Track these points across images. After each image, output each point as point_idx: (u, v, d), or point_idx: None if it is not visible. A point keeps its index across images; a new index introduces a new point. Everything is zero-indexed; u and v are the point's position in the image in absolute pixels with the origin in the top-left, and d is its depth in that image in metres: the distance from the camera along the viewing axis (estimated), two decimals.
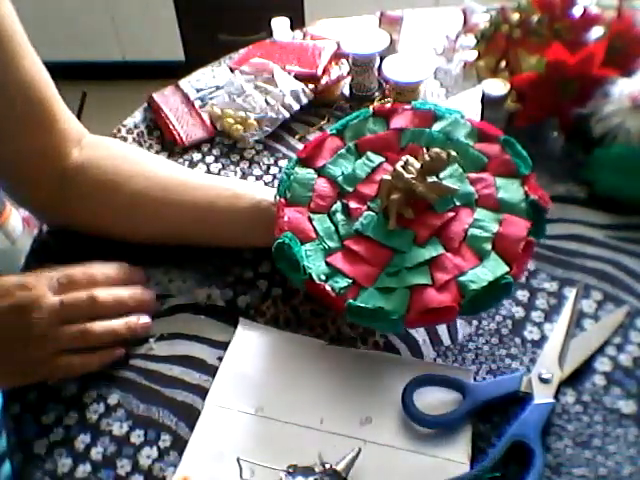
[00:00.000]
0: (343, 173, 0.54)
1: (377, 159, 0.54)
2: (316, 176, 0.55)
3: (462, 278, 0.46)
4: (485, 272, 0.46)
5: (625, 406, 0.48)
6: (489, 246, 0.48)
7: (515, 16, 0.70)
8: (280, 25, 0.85)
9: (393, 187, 0.49)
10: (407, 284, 0.47)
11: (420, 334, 0.53)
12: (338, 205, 0.53)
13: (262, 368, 0.51)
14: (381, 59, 0.75)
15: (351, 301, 0.47)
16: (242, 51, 0.87)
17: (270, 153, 0.73)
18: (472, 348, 0.52)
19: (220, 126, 0.75)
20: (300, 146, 0.72)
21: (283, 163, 0.71)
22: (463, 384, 0.48)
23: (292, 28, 0.87)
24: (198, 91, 0.82)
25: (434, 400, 0.48)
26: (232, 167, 0.71)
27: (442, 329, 0.54)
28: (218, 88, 0.82)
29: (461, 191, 0.50)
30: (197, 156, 0.73)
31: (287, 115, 0.75)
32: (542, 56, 0.65)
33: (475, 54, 0.75)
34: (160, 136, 0.76)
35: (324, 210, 0.53)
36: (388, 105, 0.61)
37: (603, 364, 0.50)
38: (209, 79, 0.84)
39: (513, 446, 0.44)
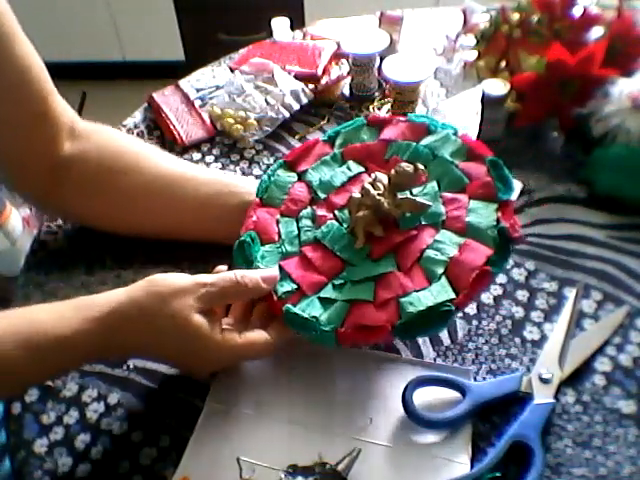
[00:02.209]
0: (321, 179, 0.54)
1: (356, 168, 0.54)
2: (295, 180, 0.55)
3: (403, 299, 0.45)
4: (427, 296, 0.44)
5: (625, 406, 0.48)
6: (441, 270, 0.45)
7: (515, 16, 0.70)
8: (280, 25, 0.85)
9: (361, 204, 0.48)
10: (348, 298, 0.46)
11: None
12: (308, 211, 0.53)
13: (262, 368, 0.51)
14: (381, 59, 0.75)
15: (288, 306, 0.47)
16: (242, 51, 0.87)
17: (270, 153, 0.73)
18: (472, 348, 0.52)
19: (220, 126, 0.75)
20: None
21: None
22: (463, 384, 0.48)
23: (292, 28, 0.87)
24: (198, 91, 0.82)
25: (434, 400, 0.48)
26: (232, 167, 0.71)
27: None
28: (218, 88, 0.82)
29: (429, 210, 0.48)
30: (197, 156, 0.73)
31: (287, 115, 0.75)
32: (542, 56, 0.65)
33: (475, 54, 0.75)
34: (160, 136, 0.76)
35: (293, 214, 0.53)
36: (386, 108, 0.61)
37: (603, 364, 0.50)
38: (209, 79, 0.84)
39: (513, 446, 0.44)
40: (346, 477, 0.44)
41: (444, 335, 0.53)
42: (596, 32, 0.66)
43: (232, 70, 0.83)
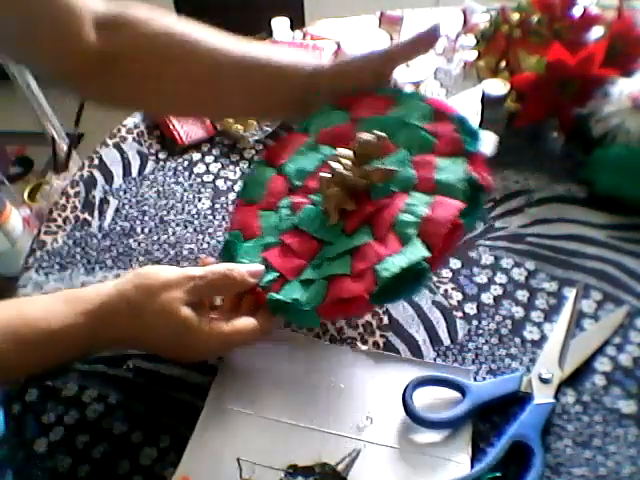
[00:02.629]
0: (296, 168, 0.54)
1: (327, 151, 0.53)
2: (274, 174, 0.55)
3: (378, 266, 0.44)
4: (400, 258, 0.44)
5: (625, 406, 0.48)
6: (414, 231, 0.45)
7: (515, 16, 0.70)
8: (280, 25, 0.85)
9: (330, 182, 0.48)
10: (325, 275, 0.47)
11: (420, 334, 0.53)
12: (286, 201, 0.53)
13: (262, 368, 0.51)
14: None
15: (270, 294, 0.47)
16: None
17: None
18: (472, 348, 0.52)
19: (220, 126, 0.75)
20: None
21: None
22: (463, 384, 0.48)
23: (292, 28, 0.87)
24: None
25: (434, 400, 0.48)
26: (232, 167, 0.71)
27: (442, 329, 0.54)
28: None
29: (400, 175, 0.48)
30: (197, 156, 0.73)
31: None
32: (542, 56, 0.65)
33: (475, 54, 0.75)
34: (160, 136, 0.76)
35: (273, 207, 0.53)
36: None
37: (603, 364, 0.50)
38: None
39: (513, 446, 0.44)
40: (346, 477, 0.44)
41: (444, 335, 0.53)
42: (596, 32, 0.66)
43: None
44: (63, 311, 0.44)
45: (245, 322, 0.47)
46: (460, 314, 0.55)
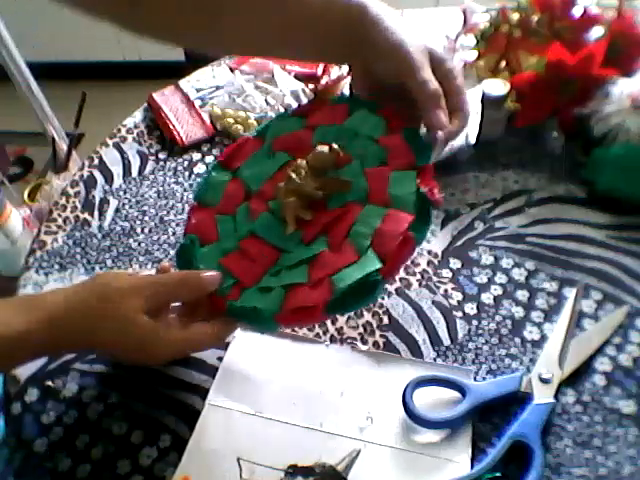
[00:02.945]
0: (252, 173, 0.54)
1: (283, 158, 0.54)
2: (230, 178, 0.55)
3: (334, 276, 0.46)
4: (356, 269, 0.45)
5: (625, 406, 0.48)
6: (368, 242, 0.46)
7: (515, 16, 0.70)
8: None
9: (287, 191, 0.49)
10: (284, 283, 0.47)
11: (420, 334, 0.53)
12: (243, 206, 0.53)
13: (262, 368, 0.51)
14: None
15: (230, 302, 0.48)
16: None
17: None
18: (472, 348, 0.52)
19: (220, 126, 0.75)
20: None
21: None
22: (463, 384, 0.48)
23: None
24: (198, 91, 0.82)
25: (434, 400, 0.48)
26: None
27: (442, 329, 0.54)
28: (218, 88, 0.82)
29: (354, 187, 0.49)
30: (197, 156, 0.73)
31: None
32: (542, 56, 0.65)
33: (475, 54, 0.75)
34: (160, 136, 0.76)
35: (230, 211, 0.53)
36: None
37: (603, 364, 0.50)
38: (209, 79, 0.84)
39: (513, 446, 0.44)
40: (346, 477, 0.44)
41: (444, 335, 0.53)
42: (596, 32, 0.66)
43: (232, 70, 0.83)
44: (22, 317, 0.44)
45: (201, 328, 0.48)
46: (460, 314, 0.55)
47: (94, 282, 0.47)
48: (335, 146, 0.49)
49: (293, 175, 0.49)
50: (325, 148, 0.49)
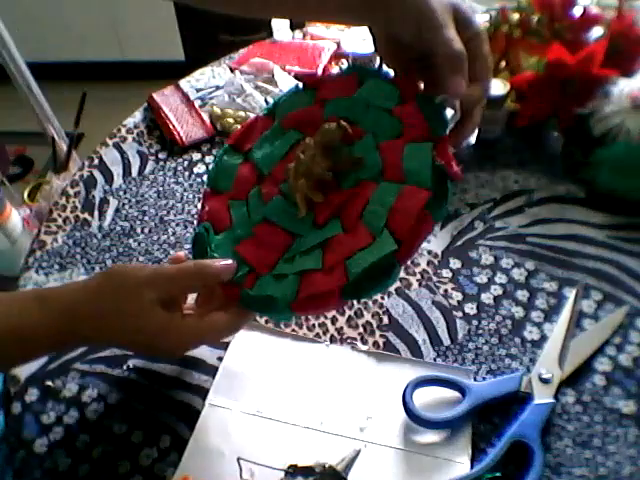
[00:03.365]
0: (263, 155, 0.52)
1: (294, 137, 0.51)
2: (241, 161, 0.53)
3: (349, 260, 0.44)
4: (371, 252, 0.43)
5: (625, 406, 0.48)
6: (382, 222, 0.44)
7: (515, 16, 0.70)
8: (280, 25, 0.85)
9: (297, 173, 0.47)
10: (298, 269, 0.46)
11: (420, 334, 0.53)
12: (255, 190, 0.51)
13: (262, 368, 0.51)
14: (381, 59, 0.75)
15: (244, 290, 0.47)
16: (242, 51, 0.87)
17: None
18: (472, 348, 0.52)
19: (220, 126, 0.75)
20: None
21: None
22: (463, 384, 0.48)
23: (292, 28, 0.87)
24: (198, 91, 0.82)
25: (434, 400, 0.48)
26: None
27: (442, 329, 0.54)
28: (218, 88, 0.82)
29: (367, 163, 0.46)
30: (197, 156, 0.73)
31: None
32: (542, 56, 0.65)
33: None
34: (160, 136, 0.76)
35: (242, 196, 0.51)
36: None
37: (603, 364, 0.50)
38: (209, 79, 0.84)
39: (513, 446, 0.44)
40: (346, 477, 0.44)
41: (444, 335, 0.53)
42: (596, 32, 0.66)
43: (232, 70, 0.83)
44: (35, 310, 0.44)
45: (217, 318, 0.46)
46: (460, 314, 0.55)
47: (109, 276, 0.46)
48: (343, 122, 0.46)
49: (301, 155, 0.47)
50: (332, 124, 0.46)
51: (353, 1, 0.49)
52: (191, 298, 0.50)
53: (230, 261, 0.48)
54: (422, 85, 0.48)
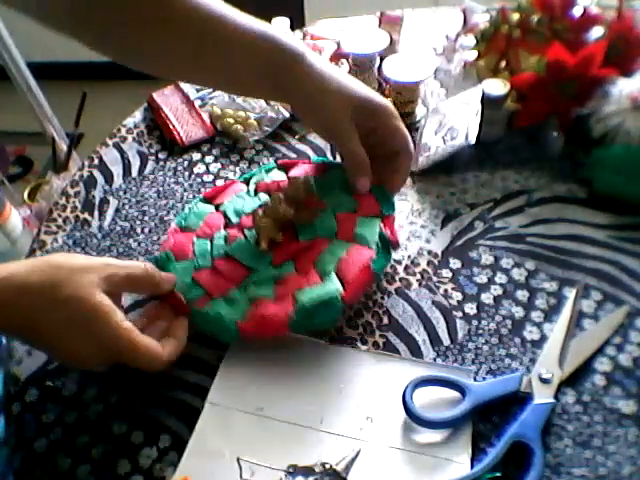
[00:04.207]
0: (234, 208, 0.60)
1: (265, 197, 0.60)
2: (213, 210, 0.61)
3: (298, 293, 0.51)
4: (319, 289, 0.50)
5: (625, 406, 0.48)
6: (331, 268, 0.52)
7: (515, 16, 0.70)
8: (280, 25, 0.85)
9: (264, 214, 0.55)
10: (250, 296, 0.52)
11: (420, 334, 0.53)
12: (221, 233, 0.58)
13: (262, 368, 0.51)
14: (381, 59, 0.75)
15: (194, 308, 0.51)
16: None
17: (270, 153, 0.73)
18: (472, 348, 0.52)
19: (220, 126, 0.75)
20: (300, 146, 0.73)
21: None
22: (463, 384, 0.48)
23: (292, 28, 0.87)
24: (198, 91, 0.82)
25: (434, 400, 0.48)
26: (232, 167, 0.71)
27: (442, 329, 0.54)
28: None
29: (325, 225, 0.56)
30: (197, 156, 0.73)
31: (287, 115, 0.75)
32: (542, 56, 0.65)
33: (475, 54, 0.75)
34: (160, 136, 0.76)
35: (208, 236, 0.58)
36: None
37: (603, 364, 0.50)
38: None
39: (513, 446, 0.44)
40: (346, 477, 0.44)
41: (444, 335, 0.53)
42: (596, 32, 0.66)
43: None
44: None
45: (154, 344, 0.46)
46: (460, 314, 0.55)
47: (47, 258, 0.45)
48: (310, 179, 0.57)
49: (269, 202, 0.56)
50: (300, 178, 0.57)
51: (264, 89, 0.56)
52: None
53: (172, 274, 0.53)
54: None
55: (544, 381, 0.48)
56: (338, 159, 0.63)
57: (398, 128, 0.55)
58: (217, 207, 0.61)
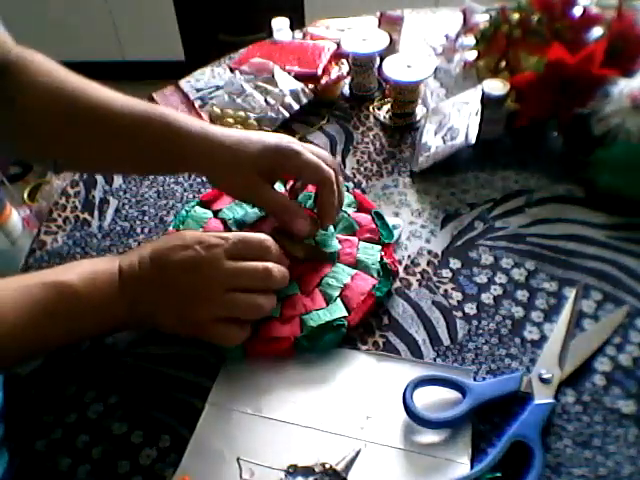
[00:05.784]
0: (234, 217, 0.61)
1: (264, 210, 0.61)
2: (211, 216, 0.62)
3: (305, 316, 0.52)
4: (325, 313, 0.52)
5: (625, 406, 0.48)
6: (337, 293, 0.54)
7: (515, 16, 0.70)
8: (280, 25, 0.85)
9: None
10: None
11: (420, 334, 0.53)
12: None
13: (262, 368, 0.51)
14: (381, 59, 0.75)
15: None
16: (242, 51, 0.87)
17: None
18: (472, 348, 0.52)
19: (220, 126, 0.75)
20: None
21: None
22: (463, 384, 0.48)
23: (292, 28, 0.87)
24: (198, 91, 0.82)
25: (434, 400, 0.48)
26: None
27: (442, 329, 0.54)
28: (218, 88, 0.82)
29: (328, 248, 0.58)
30: None
31: (287, 115, 0.75)
32: (542, 56, 0.65)
33: (475, 54, 0.75)
34: None
35: None
36: (386, 108, 0.63)
37: (603, 364, 0.50)
38: (209, 79, 0.84)
39: (513, 446, 0.44)
40: (346, 477, 0.44)
41: (444, 335, 0.53)
42: (596, 32, 0.66)
43: (232, 70, 0.83)
44: (105, 282, 0.47)
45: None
46: (460, 314, 0.55)
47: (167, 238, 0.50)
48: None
49: (277, 237, 0.54)
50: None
51: (165, 164, 0.58)
52: None
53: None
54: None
55: (544, 381, 0.48)
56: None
57: (306, 164, 0.54)
58: (215, 213, 0.62)
